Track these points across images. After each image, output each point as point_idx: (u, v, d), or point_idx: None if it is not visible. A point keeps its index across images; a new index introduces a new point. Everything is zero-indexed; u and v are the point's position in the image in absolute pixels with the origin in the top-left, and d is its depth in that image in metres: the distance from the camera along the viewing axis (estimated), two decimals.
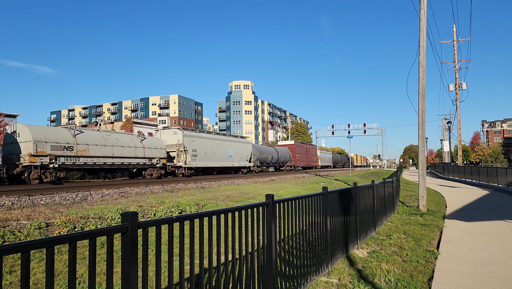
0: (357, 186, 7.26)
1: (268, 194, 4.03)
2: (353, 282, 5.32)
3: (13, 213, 8.79)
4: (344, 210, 6.45)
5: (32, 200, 11.83)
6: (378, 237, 8.45)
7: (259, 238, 3.78)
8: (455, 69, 40.66)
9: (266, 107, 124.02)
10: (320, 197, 5.38)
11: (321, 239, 5.38)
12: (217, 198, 13.41)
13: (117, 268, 4.75)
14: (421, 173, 13.65)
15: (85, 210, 9.46)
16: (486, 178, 25.66)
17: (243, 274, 3.58)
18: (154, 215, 9.35)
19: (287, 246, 4.39)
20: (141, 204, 10.77)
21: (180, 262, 2.77)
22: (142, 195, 14.29)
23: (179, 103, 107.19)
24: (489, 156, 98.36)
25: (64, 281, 4.90)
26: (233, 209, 3.44)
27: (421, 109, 13.48)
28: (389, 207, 11.13)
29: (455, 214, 12.26)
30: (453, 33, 40.10)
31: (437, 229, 9.54)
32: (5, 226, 7.10)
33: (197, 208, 10.84)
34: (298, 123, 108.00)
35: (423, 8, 13.57)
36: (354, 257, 6.63)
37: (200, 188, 18.64)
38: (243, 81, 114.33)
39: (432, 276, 5.56)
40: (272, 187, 19.77)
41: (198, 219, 2.95)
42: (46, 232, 7.06)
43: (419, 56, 13.58)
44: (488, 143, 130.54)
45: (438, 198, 17.44)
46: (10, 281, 4.80)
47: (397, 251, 7.21)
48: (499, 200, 16.02)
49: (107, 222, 8.22)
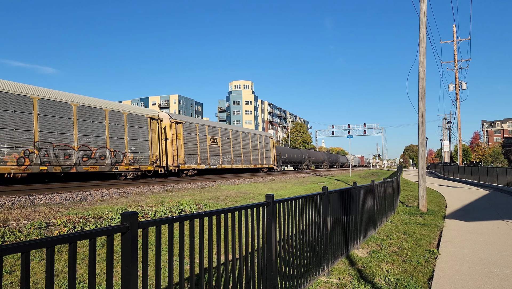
0: (357, 186, 7.26)
1: (268, 194, 4.04)
2: (353, 282, 5.32)
3: (13, 213, 8.79)
4: (344, 209, 6.45)
5: (32, 200, 11.83)
6: (378, 237, 8.45)
7: (259, 238, 3.79)
8: (455, 69, 40.68)
9: (266, 107, 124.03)
10: (320, 197, 5.39)
11: (321, 239, 5.38)
12: (217, 198, 13.41)
13: (117, 268, 4.74)
14: (421, 172, 13.65)
15: (85, 210, 9.46)
16: (486, 177, 25.66)
17: (243, 274, 3.58)
18: (154, 215, 9.35)
19: (287, 246, 4.39)
20: (141, 204, 10.77)
21: (180, 262, 2.77)
22: (142, 195, 14.29)
23: (179, 103, 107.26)
24: (489, 156, 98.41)
25: (64, 281, 4.90)
26: (233, 209, 3.44)
27: (421, 109, 13.48)
28: (389, 206, 11.13)
29: (455, 214, 12.26)
30: (453, 33, 40.12)
31: (437, 229, 9.54)
32: (5, 226, 7.10)
33: (197, 208, 10.84)
34: (298, 123, 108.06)
35: (423, 8, 13.57)
36: (354, 257, 6.63)
37: (200, 188, 18.64)
38: (243, 81, 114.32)
39: (432, 276, 5.56)
40: (272, 187, 19.78)
41: (198, 219, 2.95)
42: (46, 232, 7.06)
43: (419, 56, 13.58)
44: (488, 143, 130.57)
45: (438, 197, 17.44)
46: (10, 281, 4.80)
47: (397, 251, 7.21)
48: (499, 200, 16.01)
49: (107, 222, 8.22)
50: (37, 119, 16.83)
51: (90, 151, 19.13)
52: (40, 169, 16.86)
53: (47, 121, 17.26)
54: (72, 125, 18.40)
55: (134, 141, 21.88)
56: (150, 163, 22.78)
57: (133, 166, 21.64)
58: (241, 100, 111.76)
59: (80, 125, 18.80)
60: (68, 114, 18.28)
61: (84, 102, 19.23)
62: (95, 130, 19.57)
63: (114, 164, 20.44)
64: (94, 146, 19.34)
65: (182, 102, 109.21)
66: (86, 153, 18.94)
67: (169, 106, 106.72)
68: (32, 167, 16.51)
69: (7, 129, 15.66)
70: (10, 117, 15.80)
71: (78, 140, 18.58)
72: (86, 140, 19.04)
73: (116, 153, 20.61)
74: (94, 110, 19.65)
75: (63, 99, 18.15)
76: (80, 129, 18.78)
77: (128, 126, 21.56)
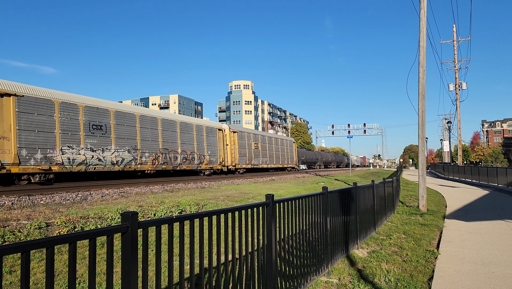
0: (357, 186, 7.26)
1: (268, 194, 4.04)
2: (353, 282, 5.32)
3: (13, 213, 8.79)
4: (344, 210, 6.45)
5: (32, 200, 11.83)
6: (378, 237, 8.45)
7: (259, 238, 3.78)
8: (455, 69, 40.67)
9: (266, 107, 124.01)
10: (320, 197, 5.38)
11: (321, 239, 5.38)
12: (217, 198, 13.41)
13: (117, 268, 4.74)
14: (421, 172, 13.64)
15: (85, 210, 9.46)
16: (486, 177, 25.66)
17: (243, 274, 3.58)
18: (154, 215, 9.35)
19: (287, 246, 4.39)
20: (141, 204, 10.77)
21: (180, 262, 2.77)
22: (142, 195, 14.29)
23: (179, 103, 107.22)
24: (489, 156, 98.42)
25: (64, 281, 4.90)
26: (233, 208, 3.44)
27: (421, 109, 13.48)
28: (389, 206, 11.13)
29: (455, 213, 12.26)
30: (453, 33, 40.12)
31: (437, 229, 9.54)
32: (5, 226, 7.10)
33: (197, 208, 10.84)
34: (298, 123, 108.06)
35: (423, 8, 13.57)
36: (354, 257, 6.63)
37: (200, 188, 18.64)
38: (243, 81, 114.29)
39: (432, 276, 5.56)
40: (272, 187, 19.77)
41: (198, 219, 2.95)
42: (46, 232, 7.06)
43: (419, 56, 13.58)
44: (488, 143, 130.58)
45: (438, 197, 17.44)
46: (10, 281, 4.80)
47: (397, 251, 7.21)
48: (499, 200, 16.02)
49: (107, 222, 8.22)
50: (160, 133, 24.35)
51: (186, 154, 26.79)
52: (163, 168, 24.20)
53: (165, 134, 24.78)
54: (177, 136, 25.94)
55: (209, 147, 29.59)
56: (218, 163, 30.73)
57: (209, 165, 29.51)
58: (241, 100, 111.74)
59: (181, 136, 26.42)
60: (175, 128, 25.93)
61: (183, 120, 27.23)
62: (188, 139, 27.23)
63: (199, 164, 28.19)
64: (188, 151, 27.06)
65: (182, 102, 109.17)
66: (185, 156, 26.56)
67: (169, 106, 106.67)
68: (158, 166, 23.88)
69: (147, 140, 23.11)
70: (148, 133, 23.26)
71: (181, 147, 26.18)
72: (184, 147, 26.64)
73: (200, 156, 28.28)
74: (188, 125, 27.41)
75: (172, 118, 26.00)
76: (181, 139, 26.39)
77: (206, 136, 29.38)
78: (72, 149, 18.26)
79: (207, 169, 28.95)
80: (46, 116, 17.19)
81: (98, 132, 19.78)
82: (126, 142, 21.40)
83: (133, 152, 21.84)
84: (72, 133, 18.34)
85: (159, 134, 24.00)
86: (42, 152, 16.85)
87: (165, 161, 24.26)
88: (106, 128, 20.25)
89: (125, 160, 21.30)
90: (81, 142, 18.72)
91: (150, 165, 22.96)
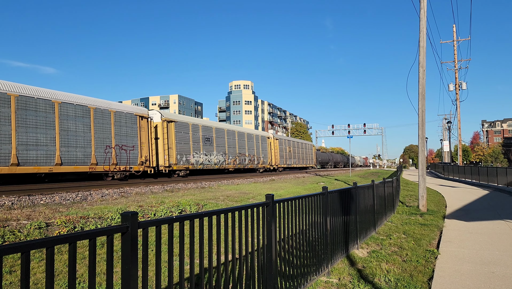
0: (357, 186, 7.26)
1: (268, 194, 4.04)
2: (353, 282, 5.32)
3: (13, 213, 8.79)
4: (344, 209, 6.45)
5: (32, 199, 11.83)
6: (378, 236, 8.45)
7: (259, 238, 3.78)
8: (455, 69, 40.67)
9: (266, 107, 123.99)
10: (320, 197, 5.38)
11: (321, 239, 5.38)
12: (217, 198, 13.41)
13: (117, 268, 4.74)
14: (421, 172, 13.65)
15: (85, 210, 9.46)
16: (486, 177, 25.66)
17: (243, 274, 3.58)
18: (154, 215, 9.35)
19: (287, 246, 4.39)
20: (141, 204, 10.77)
21: (180, 262, 2.77)
22: (142, 195, 14.29)
23: (179, 103, 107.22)
24: (489, 156, 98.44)
25: (64, 281, 4.90)
26: (233, 208, 3.44)
27: (421, 109, 13.48)
28: (389, 206, 11.13)
29: (455, 213, 12.26)
30: (453, 33, 40.13)
31: (437, 229, 9.54)
32: (5, 226, 7.10)
33: (197, 208, 10.84)
34: (298, 123, 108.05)
35: (423, 8, 13.57)
36: (354, 257, 6.63)
37: (200, 187, 18.64)
38: (243, 81, 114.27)
39: (432, 276, 5.56)
40: (272, 187, 19.77)
41: (198, 219, 2.95)
42: (46, 232, 7.06)
43: (419, 56, 13.58)
44: (488, 143, 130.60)
45: (438, 197, 17.44)
46: (10, 281, 4.80)
47: (397, 251, 7.21)
48: (499, 200, 16.02)
49: (107, 222, 8.22)
50: (237, 141, 33.81)
51: (250, 157, 36.10)
52: (238, 166, 33.57)
53: (240, 143, 34.22)
54: (245, 144, 35.38)
55: (263, 151, 39.24)
56: (268, 163, 40.40)
57: (263, 165, 38.86)
58: (241, 100, 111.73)
59: (248, 144, 35.95)
60: (244, 138, 35.19)
61: (248, 132, 36.59)
62: (250, 146, 36.36)
63: (257, 164, 37.62)
64: (251, 154, 36.39)
65: (182, 102, 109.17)
66: (250, 158, 35.91)
67: (169, 106, 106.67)
68: (236, 166, 33.07)
69: (230, 147, 32.44)
70: (231, 142, 32.71)
71: (248, 151, 35.68)
72: (249, 152, 35.92)
73: (258, 158, 37.81)
74: (250, 136, 36.75)
75: (242, 131, 35.45)
76: (248, 146, 35.89)
77: (261, 143, 39.06)
78: (197, 154, 27.43)
79: (261, 167, 38.77)
80: (187, 133, 26.60)
81: (208, 143, 29.11)
82: (220, 149, 30.86)
83: (224, 155, 31.23)
84: (197, 144, 27.63)
85: (236, 143, 33.50)
86: (185, 156, 26.01)
87: (240, 162, 33.69)
88: (211, 140, 29.60)
89: (220, 161, 30.64)
90: (200, 149, 28.04)
91: (232, 165, 32.24)
